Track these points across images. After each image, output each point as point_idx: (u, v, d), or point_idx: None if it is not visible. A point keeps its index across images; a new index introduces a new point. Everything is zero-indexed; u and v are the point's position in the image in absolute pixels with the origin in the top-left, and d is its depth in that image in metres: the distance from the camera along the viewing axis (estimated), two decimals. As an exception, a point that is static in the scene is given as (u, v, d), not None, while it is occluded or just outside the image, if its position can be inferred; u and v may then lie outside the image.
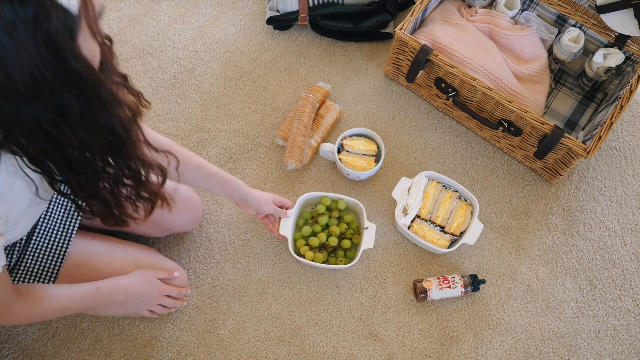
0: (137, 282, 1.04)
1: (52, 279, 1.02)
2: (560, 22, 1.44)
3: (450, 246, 1.28)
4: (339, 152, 1.35)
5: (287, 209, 1.25)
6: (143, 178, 0.78)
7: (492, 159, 1.42)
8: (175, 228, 1.22)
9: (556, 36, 1.44)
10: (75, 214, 1.07)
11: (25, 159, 0.68)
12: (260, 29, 1.57)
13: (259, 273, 1.28)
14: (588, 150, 1.20)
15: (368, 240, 1.23)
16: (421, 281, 1.25)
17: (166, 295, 1.12)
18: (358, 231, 1.29)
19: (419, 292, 1.24)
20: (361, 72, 1.52)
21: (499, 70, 1.38)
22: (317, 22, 1.51)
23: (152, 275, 1.08)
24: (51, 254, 1.03)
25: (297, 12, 1.49)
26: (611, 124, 1.22)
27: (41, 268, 1.01)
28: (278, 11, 1.52)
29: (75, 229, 1.06)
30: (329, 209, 1.31)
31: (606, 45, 1.39)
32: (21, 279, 1.00)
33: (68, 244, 1.04)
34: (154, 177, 0.83)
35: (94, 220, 1.14)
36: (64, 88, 0.60)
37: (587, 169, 1.42)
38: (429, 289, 1.24)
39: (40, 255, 1.02)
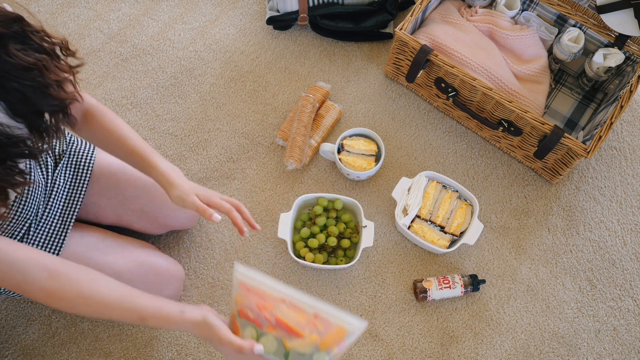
0: (198, 334, 0.84)
1: None
2: (560, 22, 1.44)
3: (450, 246, 1.28)
4: (339, 152, 1.35)
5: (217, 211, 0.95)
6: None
7: (492, 159, 1.43)
8: (174, 224, 1.22)
9: (556, 36, 1.44)
10: (73, 206, 1.08)
11: None
12: (260, 29, 1.57)
13: (259, 273, 1.28)
14: (588, 150, 1.20)
15: (367, 238, 1.23)
16: (421, 281, 1.25)
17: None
18: (357, 230, 1.29)
19: (419, 292, 1.24)
20: (361, 72, 1.52)
21: (499, 70, 1.38)
22: (317, 22, 1.51)
23: (217, 341, 0.82)
24: (48, 246, 1.03)
25: (297, 12, 1.49)
26: (611, 124, 1.22)
27: None
28: (278, 11, 1.52)
29: (72, 221, 1.07)
30: (326, 209, 1.31)
31: (606, 45, 1.39)
32: None
33: (65, 236, 1.05)
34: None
35: (98, 214, 1.14)
36: None
37: (587, 169, 1.42)
38: (429, 289, 1.24)
39: (39, 246, 1.02)
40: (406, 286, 1.29)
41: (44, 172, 1.04)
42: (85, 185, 1.10)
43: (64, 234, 1.05)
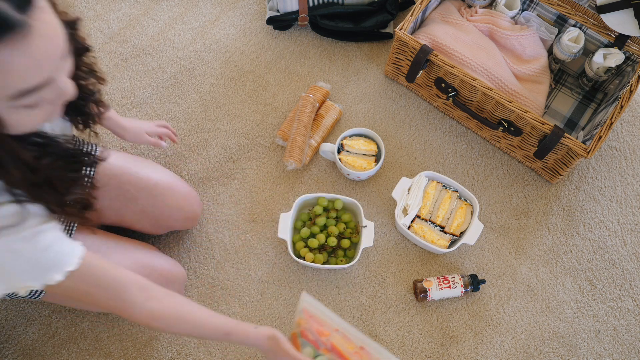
0: (266, 347, 0.92)
1: None
2: (560, 22, 1.44)
3: (450, 246, 1.28)
4: (339, 152, 1.35)
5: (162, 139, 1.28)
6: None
7: (492, 159, 1.43)
8: (174, 225, 1.22)
9: (556, 36, 1.44)
10: None
11: None
12: (260, 29, 1.57)
13: (259, 273, 1.28)
14: (588, 150, 1.20)
15: (367, 238, 1.23)
16: (421, 281, 1.25)
17: None
18: (357, 230, 1.29)
19: (419, 292, 1.24)
20: (361, 72, 1.52)
21: (499, 70, 1.38)
22: (317, 22, 1.51)
23: (282, 355, 0.93)
24: None
25: (297, 12, 1.49)
26: (611, 124, 1.22)
27: None
28: (278, 11, 1.52)
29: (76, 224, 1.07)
30: (326, 209, 1.31)
31: (606, 45, 1.39)
32: None
33: (70, 238, 1.04)
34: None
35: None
36: None
37: (587, 169, 1.42)
38: (429, 289, 1.24)
39: None
40: (406, 286, 1.29)
41: None
42: None
43: (68, 236, 1.05)
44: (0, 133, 0.62)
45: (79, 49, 0.77)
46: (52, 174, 0.73)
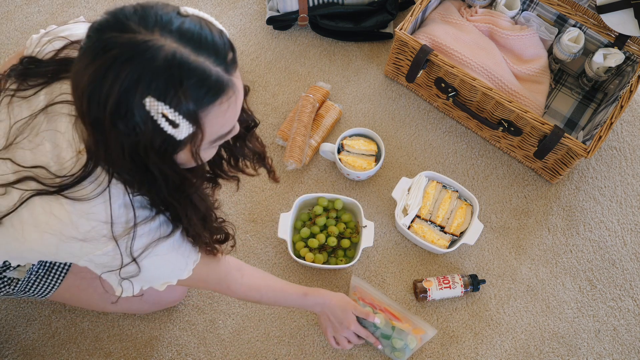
0: (335, 303, 1.08)
1: (63, 273, 1.03)
2: (560, 22, 1.44)
3: (450, 246, 1.28)
4: (339, 152, 1.35)
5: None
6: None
7: (492, 159, 1.43)
8: None
9: (556, 36, 1.44)
10: None
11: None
12: (260, 29, 1.57)
13: (259, 273, 1.28)
14: (588, 150, 1.20)
15: (367, 238, 1.23)
16: (421, 281, 1.25)
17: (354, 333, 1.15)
18: (357, 230, 1.29)
19: (419, 292, 1.24)
20: (361, 72, 1.52)
21: (499, 70, 1.38)
22: (317, 22, 1.51)
23: (351, 308, 1.11)
24: None
25: (297, 12, 1.49)
26: (611, 124, 1.23)
27: (51, 264, 1.03)
28: (278, 11, 1.52)
29: None
30: (326, 209, 1.31)
31: (606, 45, 1.39)
32: (33, 269, 1.00)
33: None
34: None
35: None
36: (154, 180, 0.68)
37: (587, 169, 1.42)
38: (429, 289, 1.24)
39: None
40: (406, 286, 1.29)
41: None
42: None
43: None
44: (196, 174, 0.72)
45: None
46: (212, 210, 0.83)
